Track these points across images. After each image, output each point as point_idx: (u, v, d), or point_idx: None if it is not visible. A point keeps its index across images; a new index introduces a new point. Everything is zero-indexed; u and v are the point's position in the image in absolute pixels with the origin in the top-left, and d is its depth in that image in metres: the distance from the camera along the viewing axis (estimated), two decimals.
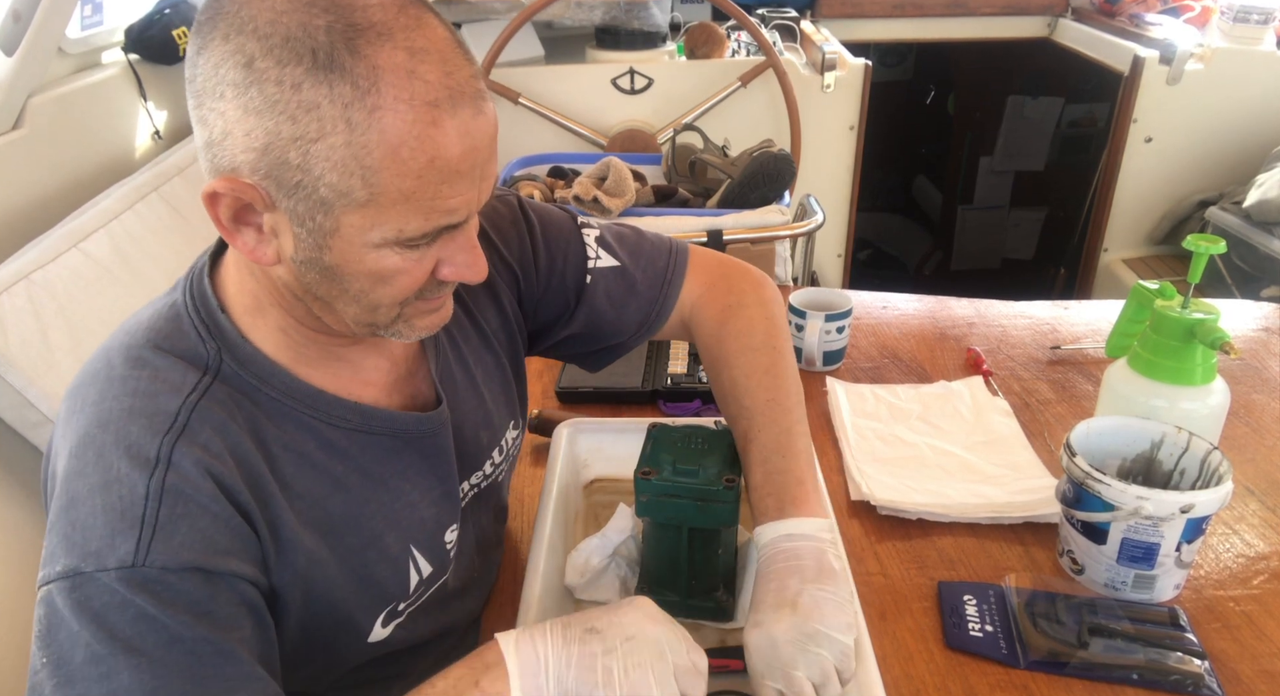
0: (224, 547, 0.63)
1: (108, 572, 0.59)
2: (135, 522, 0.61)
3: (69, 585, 0.60)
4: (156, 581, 0.60)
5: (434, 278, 0.69)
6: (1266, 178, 2.41)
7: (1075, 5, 3.00)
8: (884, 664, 0.88)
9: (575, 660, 0.65)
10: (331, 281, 0.67)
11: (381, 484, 0.77)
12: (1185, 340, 1.02)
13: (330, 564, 0.72)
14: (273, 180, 0.62)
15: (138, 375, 0.67)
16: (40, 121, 1.57)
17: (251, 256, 0.66)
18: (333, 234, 0.64)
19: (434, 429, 0.82)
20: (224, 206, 0.64)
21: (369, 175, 0.61)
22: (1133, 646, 0.88)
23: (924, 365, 1.42)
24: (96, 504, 0.61)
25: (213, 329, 0.71)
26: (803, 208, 1.72)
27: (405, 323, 0.72)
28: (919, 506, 1.08)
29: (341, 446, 0.75)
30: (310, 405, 0.73)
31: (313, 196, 0.62)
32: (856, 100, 2.45)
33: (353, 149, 0.60)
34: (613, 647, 0.66)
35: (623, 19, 2.41)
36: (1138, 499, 0.89)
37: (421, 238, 0.65)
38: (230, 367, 0.70)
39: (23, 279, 1.29)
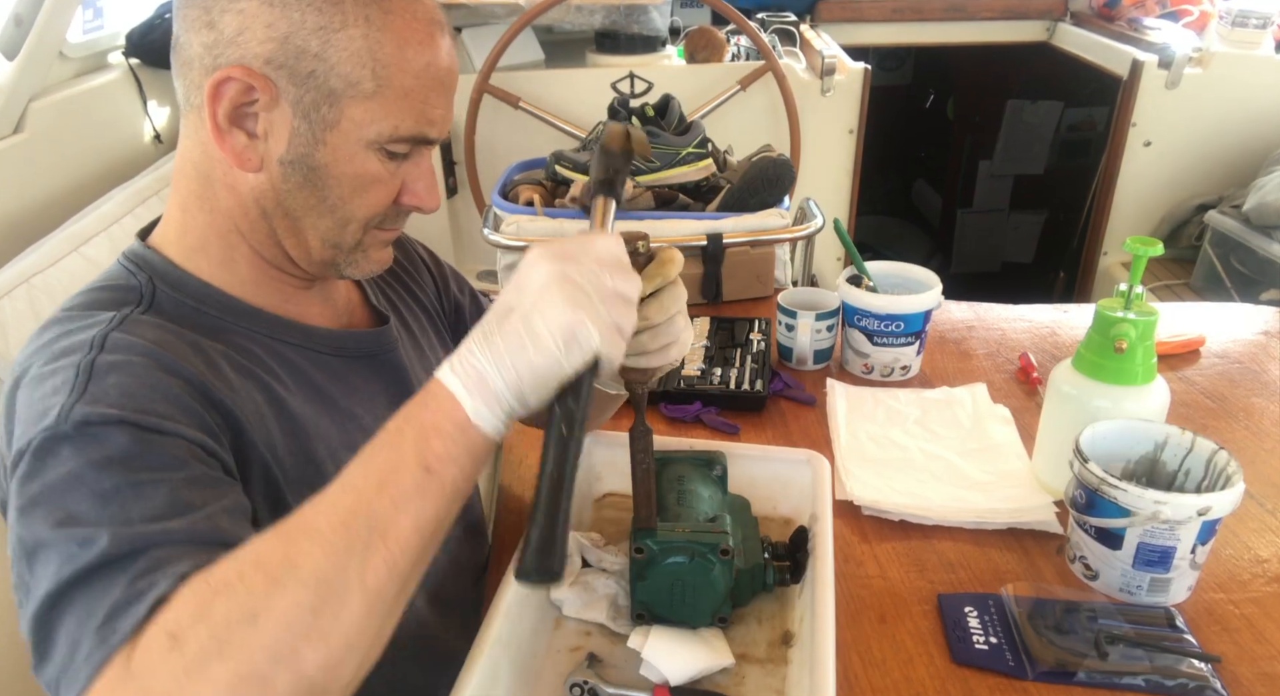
0: (160, 411, 0.62)
1: (35, 439, 0.60)
2: (65, 393, 0.61)
3: (12, 467, 0.61)
4: (76, 435, 0.59)
5: (395, 204, 0.76)
6: (1265, 181, 2.41)
7: (1074, 9, 3.01)
8: (884, 667, 0.88)
9: (506, 346, 0.59)
10: (313, 187, 0.72)
11: (332, 404, 0.79)
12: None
13: (283, 483, 0.72)
14: (285, 71, 0.68)
15: (70, 315, 0.69)
16: (41, 125, 1.57)
17: (236, 160, 0.70)
18: (333, 127, 0.70)
19: (381, 347, 0.84)
20: (227, 99, 0.68)
21: (379, 68, 0.69)
22: (1136, 651, 0.88)
23: (924, 368, 1.42)
24: (34, 396, 0.63)
25: (143, 264, 0.74)
26: (802, 211, 1.72)
27: (363, 252, 0.77)
28: (899, 507, 1.08)
29: (288, 358, 0.76)
30: (252, 321, 0.76)
31: (323, 86, 0.68)
32: (856, 104, 2.45)
33: (369, 41, 0.68)
34: (527, 309, 0.59)
35: (623, 23, 2.41)
36: (1155, 503, 0.89)
37: (407, 140, 0.72)
38: (165, 292, 0.73)
39: (23, 282, 1.30)
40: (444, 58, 0.72)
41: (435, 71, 0.71)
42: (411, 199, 0.76)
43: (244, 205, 0.73)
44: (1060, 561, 1.02)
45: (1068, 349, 1.45)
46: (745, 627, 0.89)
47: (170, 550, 0.56)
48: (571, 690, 0.81)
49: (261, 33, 0.67)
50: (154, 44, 1.92)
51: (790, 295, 1.43)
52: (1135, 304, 1.02)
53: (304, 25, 0.67)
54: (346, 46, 0.68)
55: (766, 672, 0.84)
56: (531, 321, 0.58)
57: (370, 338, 0.84)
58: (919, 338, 1.37)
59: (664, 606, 0.85)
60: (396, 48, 0.69)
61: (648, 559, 0.82)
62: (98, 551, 0.55)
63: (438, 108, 0.73)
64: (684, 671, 0.81)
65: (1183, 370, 1.42)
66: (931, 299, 1.35)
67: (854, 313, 1.37)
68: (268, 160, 0.71)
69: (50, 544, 0.57)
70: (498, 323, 0.60)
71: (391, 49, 0.69)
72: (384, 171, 0.73)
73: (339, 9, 0.67)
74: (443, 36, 0.72)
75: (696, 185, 1.74)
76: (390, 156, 0.73)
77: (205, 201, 0.74)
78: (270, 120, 0.69)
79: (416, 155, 0.75)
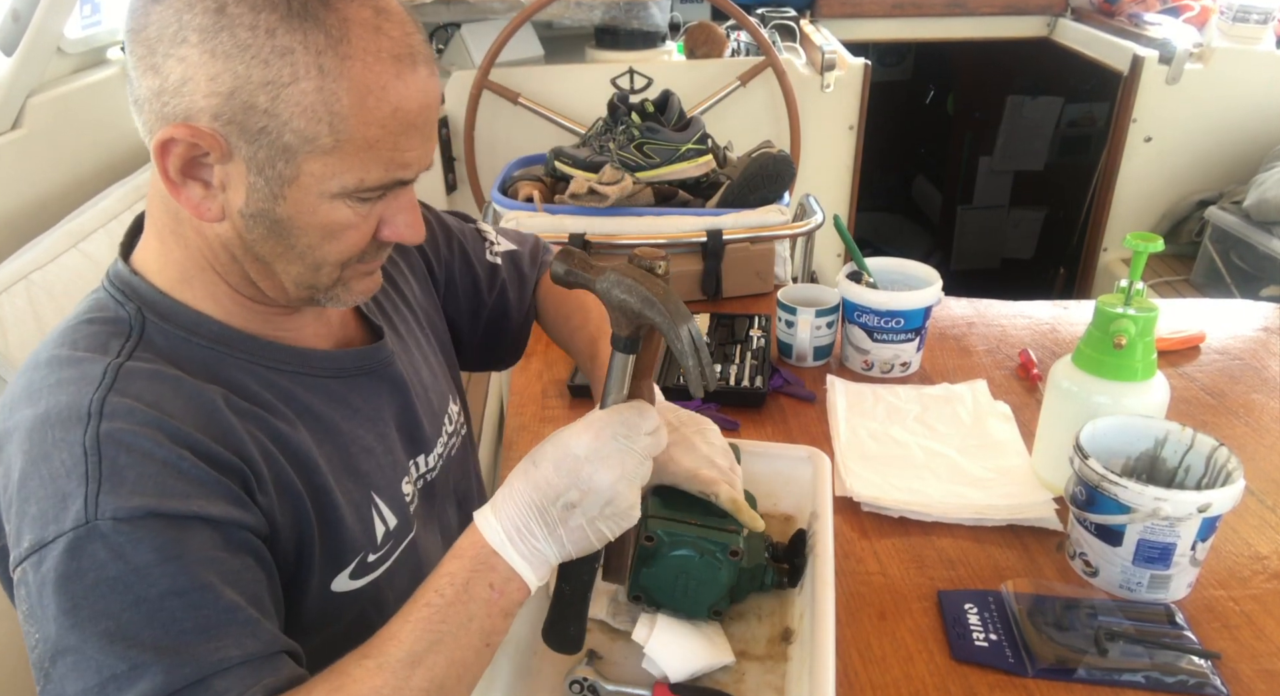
0: (179, 491, 0.61)
1: (65, 536, 0.59)
2: (81, 480, 0.60)
3: (36, 560, 0.60)
4: (113, 533, 0.59)
5: (375, 240, 0.72)
6: (1266, 177, 2.41)
7: (1074, 5, 3.00)
8: (884, 664, 0.88)
9: (570, 540, 0.69)
10: (278, 238, 0.68)
11: (333, 428, 0.77)
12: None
13: (291, 505, 0.71)
14: (235, 126, 0.62)
15: (60, 356, 0.67)
16: (39, 121, 1.57)
17: (195, 212, 0.67)
18: (291, 182, 0.65)
19: (376, 364, 0.82)
20: (175, 156, 0.64)
21: (336, 121, 0.63)
22: (1136, 648, 0.88)
23: (924, 365, 1.42)
24: (43, 474, 0.61)
25: (129, 293, 0.71)
26: (802, 207, 1.72)
27: (343, 286, 0.74)
28: (899, 503, 1.08)
29: (284, 387, 0.74)
30: (244, 349, 0.73)
31: (276, 142, 0.63)
32: (856, 100, 2.45)
33: (323, 95, 0.62)
34: (594, 514, 0.69)
35: (622, 19, 2.40)
36: (1155, 500, 0.89)
37: (377, 189, 0.67)
38: (154, 323, 0.70)
39: (22, 279, 1.29)
40: (415, 97, 0.66)
41: (403, 115, 0.65)
42: (391, 234, 0.72)
43: (213, 248, 0.70)
44: (1060, 558, 1.02)
45: (1068, 345, 1.45)
46: (745, 624, 0.89)
47: (228, 680, 0.58)
48: (571, 687, 0.81)
49: (205, 86, 0.61)
50: None
51: (790, 291, 1.43)
52: (1135, 300, 1.02)
53: (250, 80, 0.61)
54: (299, 101, 0.62)
55: (766, 669, 0.84)
56: (597, 525, 0.69)
57: (367, 355, 0.82)
58: (919, 334, 1.37)
59: (664, 594, 0.85)
60: (356, 98, 0.62)
61: (655, 548, 0.82)
62: (157, 683, 0.56)
63: (409, 150, 0.67)
64: (685, 668, 0.81)
65: (1183, 366, 1.42)
66: (931, 295, 1.35)
67: (854, 309, 1.36)
68: (229, 210, 0.67)
69: (89, 655, 0.57)
70: (561, 514, 0.68)
71: (349, 100, 0.62)
72: (354, 216, 0.68)
73: (288, 61, 0.61)
74: (413, 71, 0.65)
75: (696, 181, 1.73)
76: (362, 201, 0.68)
77: (179, 237, 0.71)
78: (226, 172, 0.65)
79: (393, 193, 0.70)
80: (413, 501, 0.85)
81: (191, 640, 0.58)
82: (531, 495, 0.68)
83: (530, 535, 0.68)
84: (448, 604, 0.65)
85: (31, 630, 0.60)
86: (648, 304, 0.69)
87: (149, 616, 0.58)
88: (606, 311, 0.72)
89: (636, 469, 0.70)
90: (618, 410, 0.71)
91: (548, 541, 0.68)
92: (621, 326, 0.72)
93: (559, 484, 0.68)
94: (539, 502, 0.68)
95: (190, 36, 0.61)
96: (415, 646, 0.63)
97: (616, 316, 0.72)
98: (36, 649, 0.59)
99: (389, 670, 0.62)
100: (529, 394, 1.37)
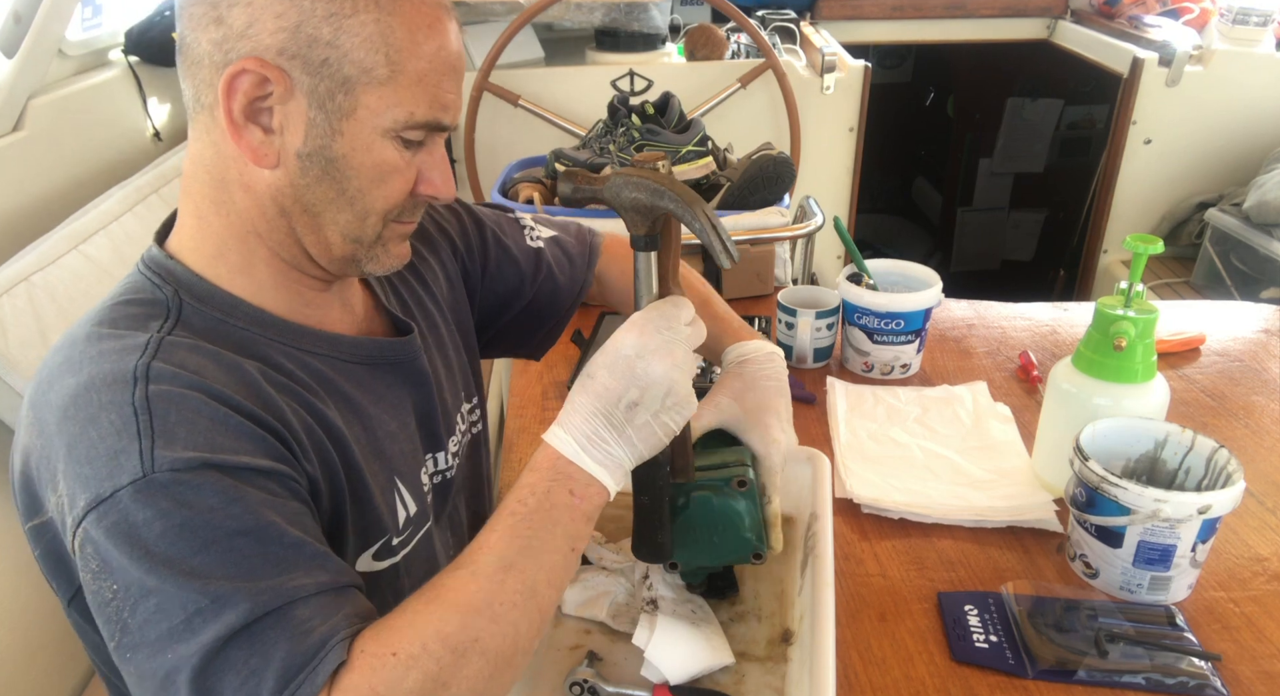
0: (229, 446, 0.63)
1: (124, 490, 0.60)
2: (133, 437, 0.61)
3: (97, 515, 0.60)
4: (173, 484, 0.60)
5: (412, 195, 0.76)
6: (1266, 179, 2.41)
7: (1074, 7, 3.00)
8: (884, 666, 0.89)
9: (639, 439, 0.72)
10: (331, 179, 0.71)
11: (361, 411, 0.79)
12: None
13: (329, 477, 0.73)
14: (299, 61, 0.67)
15: (100, 332, 0.69)
16: (41, 123, 1.57)
17: (253, 156, 0.70)
18: (349, 116, 0.70)
19: (405, 357, 0.84)
20: (242, 93, 0.68)
21: (392, 52, 0.69)
22: (1136, 650, 0.88)
23: (924, 366, 1.42)
24: (92, 436, 0.62)
25: (166, 276, 0.73)
26: (802, 209, 1.72)
27: (383, 246, 0.77)
28: (899, 505, 1.09)
29: (317, 369, 0.76)
30: (279, 333, 0.75)
31: (337, 74, 0.68)
32: (856, 102, 2.45)
33: (380, 26, 0.68)
34: (657, 407, 0.72)
35: (622, 21, 2.41)
36: (1155, 502, 0.89)
37: (422, 127, 0.72)
38: (191, 306, 0.72)
39: (23, 281, 1.29)
40: (453, 42, 0.73)
41: (446, 55, 0.72)
42: (428, 188, 0.76)
43: (261, 204, 0.73)
44: (1060, 559, 1.02)
45: (1068, 347, 1.45)
46: (745, 625, 0.89)
47: (309, 608, 0.60)
48: (571, 689, 0.81)
49: (272, 24, 0.67)
50: (153, 41, 1.92)
51: (790, 293, 1.43)
52: (1135, 302, 1.02)
53: (314, 13, 0.67)
54: (359, 32, 0.68)
55: (766, 671, 0.84)
56: (661, 419, 0.72)
57: (397, 347, 0.84)
58: (919, 336, 1.37)
59: (702, 551, 0.85)
60: (408, 32, 0.69)
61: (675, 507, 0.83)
62: (241, 613, 0.58)
63: (450, 92, 0.73)
64: (686, 670, 0.81)
65: (1183, 368, 1.42)
66: (931, 297, 1.35)
67: (854, 311, 1.36)
68: (284, 155, 0.71)
69: (170, 594, 0.58)
70: (626, 415, 0.71)
71: (403, 34, 0.69)
72: (401, 160, 0.73)
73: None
74: (450, 20, 0.73)
75: (696, 183, 1.74)
76: (406, 145, 0.73)
77: (221, 205, 0.73)
78: (285, 113, 0.69)
79: (430, 144, 0.75)
80: (429, 493, 0.87)
81: (266, 573, 0.60)
82: (594, 404, 0.71)
83: (602, 440, 0.71)
84: (531, 512, 0.68)
85: (104, 585, 0.60)
86: (658, 194, 0.71)
87: (221, 556, 0.59)
88: (620, 215, 0.75)
89: (685, 357, 0.73)
90: (655, 306, 0.74)
91: (619, 444, 0.71)
92: (637, 225, 0.74)
93: (617, 387, 0.71)
94: (603, 409, 0.71)
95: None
96: (506, 551, 0.66)
97: (630, 216, 0.74)
98: (111, 603, 0.60)
99: (483, 576, 0.64)
100: (529, 395, 1.37)
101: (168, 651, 0.58)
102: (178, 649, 0.58)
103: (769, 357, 0.92)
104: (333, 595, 0.62)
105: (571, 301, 1.08)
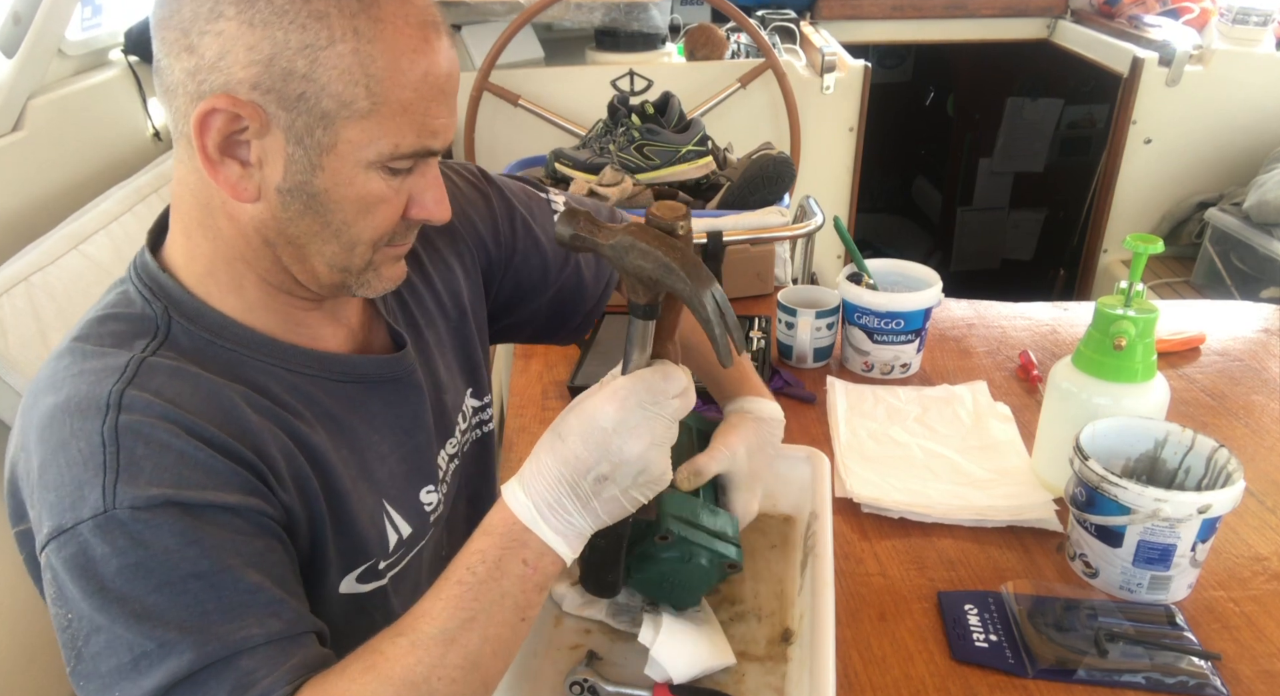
0: (196, 482, 0.62)
1: (84, 523, 0.59)
2: (98, 469, 0.60)
3: (57, 545, 0.60)
4: (131, 522, 0.59)
5: (404, 219, 0.72)
6: (1266, 178, 2.41)
7: (1074, 7, 3.00)
8: (884, 665, 0.89)
9: (604, 511, 0.69)
10: (315, 213, 0.68)
11: (350, 433, 0.77)
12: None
13: (307, 504, 0.71)
14: (274, 95, 0.64)
15: (85, 348, 0.68)
16: (40, 123, 1.57)
17: (232, 192, 0.67)
18: (329, 151, 0.66)
19: (398, 373, 0.82)
20: (215, 130, 0.64)
21: (372, 83, 0.64)
22: (1136, 649, 0.88)
23: (924, 366, 1.42)
24: (60, 462, 0.62)
25: (157, 291, 0.72)
26: (802, 209, 1.72)
27: (374, 271, 0.74)
28: (899, 504, 1.08)
29: (305, 390, 0.75)
30: (267, 353, 0.73)
31: (315, 108, 0.64)
32: (856, 101, 2.45)
33: (359, 57, 0.64)
34: (627, 484, 0.69)
35: (622, 21, 2.40)
36: (1155, 501, 0.89)
37: (409, 156, 0.68)
38: (180, 324, 0.71)
39: (23, 281, 1.29)
40: (442, 63, 0.68)
41: (433, 80, 0.67)
42: (420, 212, 0.73)
43: (245, 234, 0.70)
44: (1060, 559, 1.02)
45: (1068, 346, 1.45)
46: (745, 625, 0.89)
47: (255, 659, 0.59)
48: (571, 688, 0.81)
49: (244, 56, 0.63)
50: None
51: (790, 293, 1.43)
52: (1135, 301, 1.02)
53: (288, 45, 0.63)
54: (335, 64, 0.63)
55: (766, 671, 0.84)
56: (631, 494, 0.69)
57: (389, 364, 0.82)
58: (919, 335, 1.37)
59: (654, 589, 0.85)
60: (390, 60, 0.64)
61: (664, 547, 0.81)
62: (185, 662, 0.58)
63: (439, 117, 0.69)
64: (690, 669, 0.81)
65: (1183, 367, 1.42)
66: (931, 296, 1.35)
67: (854, 310, 1.36)
68: (265, 189, 0.67)
69: (119, 634, 0.58)
70: (593, 487, 0.68)
71: (385, 62, 0.64)
72: (388, 189, 0.69)
73: (324, 24, 0.63)
74: (439, 38, 0.68)
75: (696, 183, 1.73)
76: (393, 173, 0.69)
77: (207, 229, 0.71)
78: (263, 147, 0.66)
79: (422, 167, 0.71)
80: (434, 509, 0.85)
81: (216, 620, 0.59)
82: (561, 470, 0.67)
83: (563, 510, 0.68)
84: (480, 581, 0.65)
85: (61, 612, 0.61)
86: (666, 271, 0.65)
87: (173, 598, 0.59)
88: (620, 278, 0.70)
89: (665, 434, 0.69)
90: (640, 376, 0.69)
91: (581, 514, 0.68)
92: (638, 293, 0.68)
93: (588, 458, 0.67)
94: (570, 477, 0.67)
95: (227, 10, 0.63)
96: (449, 624, 0.63)
97: (631, 283, 0.68)
98: (68, 629, 0.60)
99: (423, 647, 0.62)
100: (529, 395, 1.37)
101: (115, 688, 0.58)
102: (124, 687, 0.58)
103: (779, 425, 0.93)
104: (283, 644, 0.61)
105: (601, 290, 1.03)
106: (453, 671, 0.62)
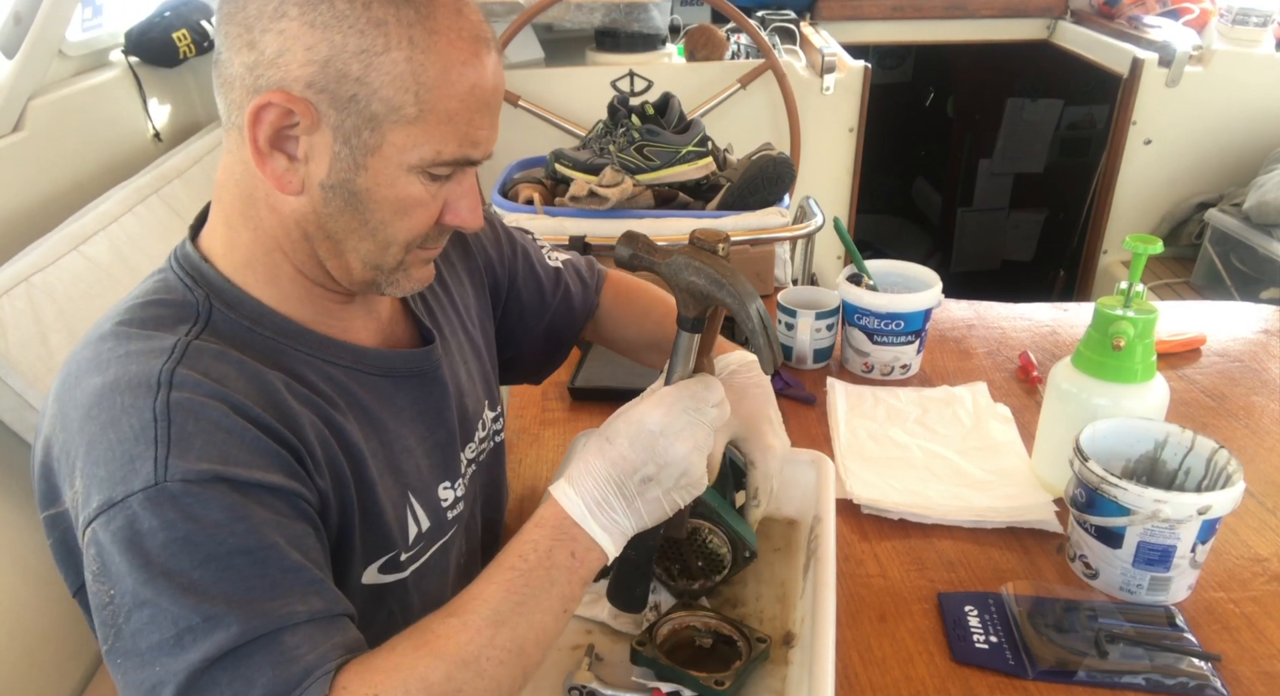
0: (243, 460, 0.64)
1: (135, 496, 0.60)
2: (149, 444, 0.62)
3: (106, 518, 0.61)
4: (182, 494, 0.61)
5: (438, 224, 0.75)
6: (1266, 179, 2.41)
7: (1074, 7, 3.00)
8: (884, 666, 0.89)
9: (647, 512, 0.73)
10: (354, 211, 0.71)
11: (380, 425, 0.79)
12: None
13: (339, 492, 0.73)
14: (327, 95, 0.66)
15: (129, 332, 0.69)
16: (40, 124, 1.57)
17: (277, 184, 0.70)
18: (374, 152, 0.69)
19: (427, 367, 0.84)
20: (267, 124, 0.67)
21: (422, 91, 0.67)
22: (1136, 650, 0.88)
23: (924, 367, 1.42)
24: (111, 438, 0.63)
25: (199, 279, 0.74)
26: (802, 210, 1.72)
27: (404, 271, 0.77)
28: (899, 505, 1.09)
29: (340, 381, 0.77)
30: (304, 343, 0.76)
31: (365, 111, 0.67)
32: (856, 102, 2.45)
33: (412, 65, 0.66)
34: (670, 486, 0.73)
35: (622, 21, 2.41)
36: (1155, 502, 0.89)
37: (450, 164, 0.71)
38: (220, 311, 0.73)
39: (23, 281, 1.29)
40: (489, 77, 0.70)
41: (480, 93, 0.70)
42: (454, 219, 0.75)
43: (286, 226, 0.72)
44: (1060, 560, 1.02)
45: (1068, 347, 1.45)
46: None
47: (299, 636, 0.60)
48: (570, 693, 0.81)
49: (302, 55, 0.65)
50: (153, 42, 1.92)
51: (790, 294, 1.43)
52: (1135, 302, 1.02)
53: (345, 48, 0.65)
54: (389, 70, 0.66)
55: (766, 672, 0.84)
56: (672, 497, 0.73)
57: (418, 357, 0.84)
58: (919, 336, 1.37)
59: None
60: (441, 70, 0.67)
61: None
62: (231, 636, 0.58)
63: (482, 129, 0.71)
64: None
65: (1183, 368, 1.42)
66: (931, 297, 1.35)
67: (854, 311, 1.37)
68: (309, 183, 0.70)
69: (164, 608, 0.59)
70: (639, 487, 0.72)
71: (436, 72, 0.67)
72: (426, 194, 0.72)
73: (382, 31, 0.65)
74: (489, 54, 0.70)
75: (696, 183, 1.73)
76: (432, 179, 0.72)
77: (249, 219, 0.73)
78: (311, 144, 0.68)
79: (459, 175, 0.74)
80: (451, 506, 0.86)
81: (261, 596, 0.60)
82: (609, 470, 0.71)
83: (610, 508, 0.71)
84: (531, 568, 0.68)
85: (102, 588, 0.61)
86: (717, 285, 0.72)
87: (220, 573, 0.60)
88: (673, 293, 0.75)
89: (706, 440, 0.74)
90: (686, 385, 0.75)
91: (626, 514, 0.72)
92: (689, 307, 0.75)
93: (635, 459, 0.72)
94: (617, 477, 0.71)
95: (290, 10, 0.65)
96: (500, 606, 0.66)
97: (684, 297, 0.75)
98: (108, 606, 0.61)
99: (474, 628, 0.64)
100: (529, 397, 1.37)
101: (156, 664, 0.58)
102: (166, 663, 0.58)
103: (751, 366, 0.93)
104: (324, 623, 0.62)
105: (582, 323, 1.08)
106: (501, 653, 0.64)
